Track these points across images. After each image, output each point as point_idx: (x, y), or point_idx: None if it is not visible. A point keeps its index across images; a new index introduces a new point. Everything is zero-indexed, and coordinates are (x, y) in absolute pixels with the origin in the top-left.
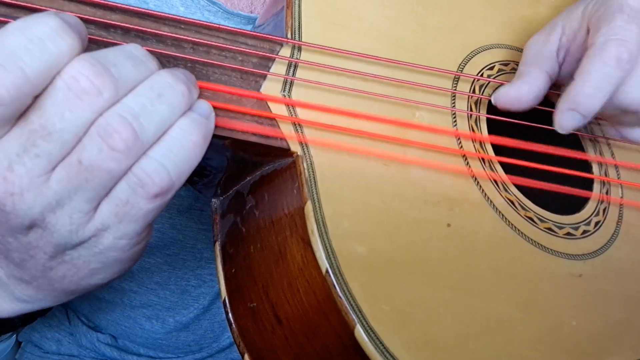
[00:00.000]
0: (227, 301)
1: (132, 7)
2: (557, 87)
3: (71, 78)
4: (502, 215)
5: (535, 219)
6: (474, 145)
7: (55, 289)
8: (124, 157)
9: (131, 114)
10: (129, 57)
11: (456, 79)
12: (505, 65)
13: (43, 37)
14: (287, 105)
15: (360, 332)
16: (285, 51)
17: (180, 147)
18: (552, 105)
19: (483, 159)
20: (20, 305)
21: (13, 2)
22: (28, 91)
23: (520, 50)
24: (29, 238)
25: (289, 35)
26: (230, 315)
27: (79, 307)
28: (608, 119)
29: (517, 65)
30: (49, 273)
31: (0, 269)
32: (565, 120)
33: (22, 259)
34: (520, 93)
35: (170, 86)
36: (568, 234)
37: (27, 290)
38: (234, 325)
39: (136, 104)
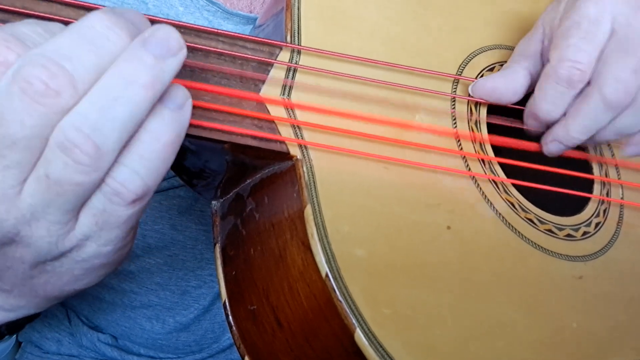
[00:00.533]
0: (227, 303)
1: None
2: None
3: (24, 82)
4: (502, 217)
5: (535, 221)
6: (474, 147)
7: (38, 296)
8: (91, 170)
9: (88, 125)
10: (87, 41)
11: (456, 81)
12: None
13: None
14: (286, 108)
15: (360, 336)
16: (285, 55)
17: (151, 150)
18: None
19: (483, 161)
20: (3, 314)
21: (11, 8)
22: None
23: None
24: (4, 250)
25: (289, 38)
26: (230, 317)
27: (79, 308)
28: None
29: None
30: (30, 281)
31: None
32: (530, 125)
33: (1, 269)
34: (496, 85)
35: (128, 83)
36: (568, 235)
37: (8, 299)
38: (234, 328)
39: (93, 111)
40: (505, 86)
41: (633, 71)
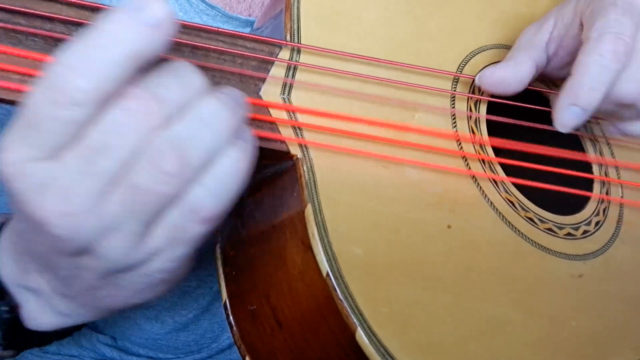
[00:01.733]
0: (227, 304)
1: None
2: (554, 85)
3: (126, 100)
4: (502, 216)
5: (535, 220)
6: (474, 147)
7: (99, 307)
8: (174, 181)
9: (179, 140)
10: (176, 76)
11: (455, 80)
12: None
13: (113, 42)
14: (287, 110)
15: (361, 335)
16: (285, 54)
17: (228, 173)
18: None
19: (483, 160)
20: (62, 319)
21: (12, 7)
22: (103, 96)
23: None
24: (78, 259)
25: (288, 38)
26: (230, 317)
27: None
28: (606, 116)
29: None
30: (94, 292)
31: (46, 283)
32: (566, 116)
33: (69, 277)
34: (504, 75)
35: (215, 113)
36: (568, 234)
37: (70, 305)
38: (234, 328)
39: (183, 130)
40: (513, 76)
41: None
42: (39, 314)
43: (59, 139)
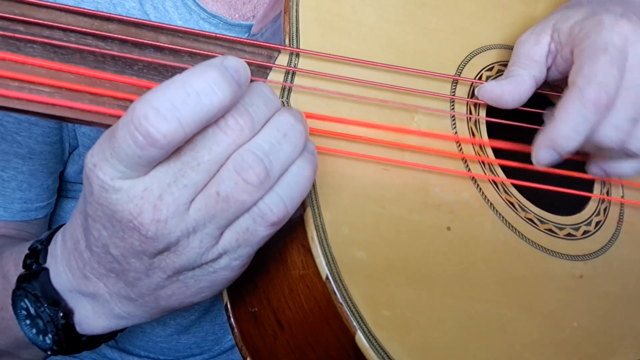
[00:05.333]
0: (228, 306)
1: (128, 18)
2: (553, 88)
3: (225, 118)
4: (502, 217)
5: (535, 221)
6: (474, 148)
7: (158, 307)
8: (255, 190)
9: (263, 152)
10: (260, 95)
11: (455, 82)
12: (504, 65)
13: (199, 91)
14: None
15: (360, 338)
16: (283, 58)
17: (296, 181)
18: (552, 106)
19: (483, 162)
20: (116, 321)
21: (11, 16)
22: (181, 139)
23: None
24: (154, 260)
25: (287, 42)
26: (232, 319)
27: None
28: (590, 154)
29: None
30: (158, 291)
31: (105, 287)
32: (542, 156)
33: (137, 278)
34: (503, 92)
35: (292, 126)
36: (569, 234)
37: (129, 307)
38: (235, 330)
39: (266, 143)
40: (512, 93)
41: (631, 120)
42: (93, 318)
43: (141, 167)
